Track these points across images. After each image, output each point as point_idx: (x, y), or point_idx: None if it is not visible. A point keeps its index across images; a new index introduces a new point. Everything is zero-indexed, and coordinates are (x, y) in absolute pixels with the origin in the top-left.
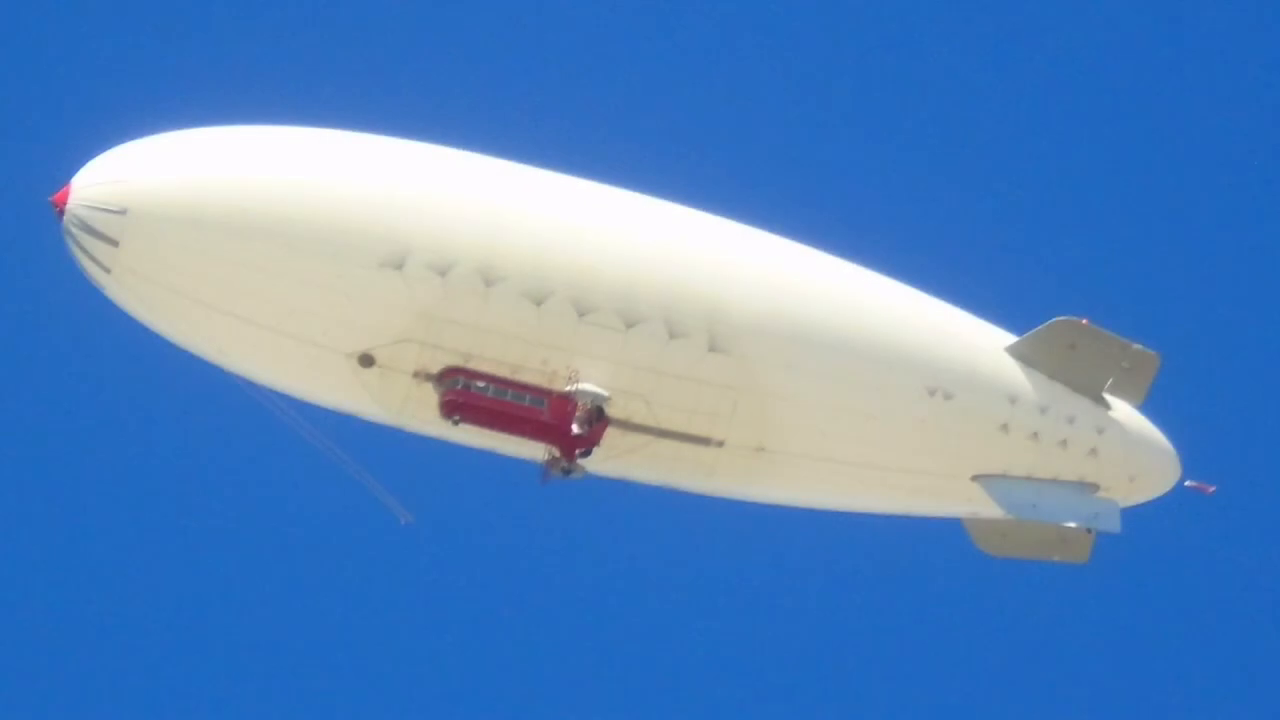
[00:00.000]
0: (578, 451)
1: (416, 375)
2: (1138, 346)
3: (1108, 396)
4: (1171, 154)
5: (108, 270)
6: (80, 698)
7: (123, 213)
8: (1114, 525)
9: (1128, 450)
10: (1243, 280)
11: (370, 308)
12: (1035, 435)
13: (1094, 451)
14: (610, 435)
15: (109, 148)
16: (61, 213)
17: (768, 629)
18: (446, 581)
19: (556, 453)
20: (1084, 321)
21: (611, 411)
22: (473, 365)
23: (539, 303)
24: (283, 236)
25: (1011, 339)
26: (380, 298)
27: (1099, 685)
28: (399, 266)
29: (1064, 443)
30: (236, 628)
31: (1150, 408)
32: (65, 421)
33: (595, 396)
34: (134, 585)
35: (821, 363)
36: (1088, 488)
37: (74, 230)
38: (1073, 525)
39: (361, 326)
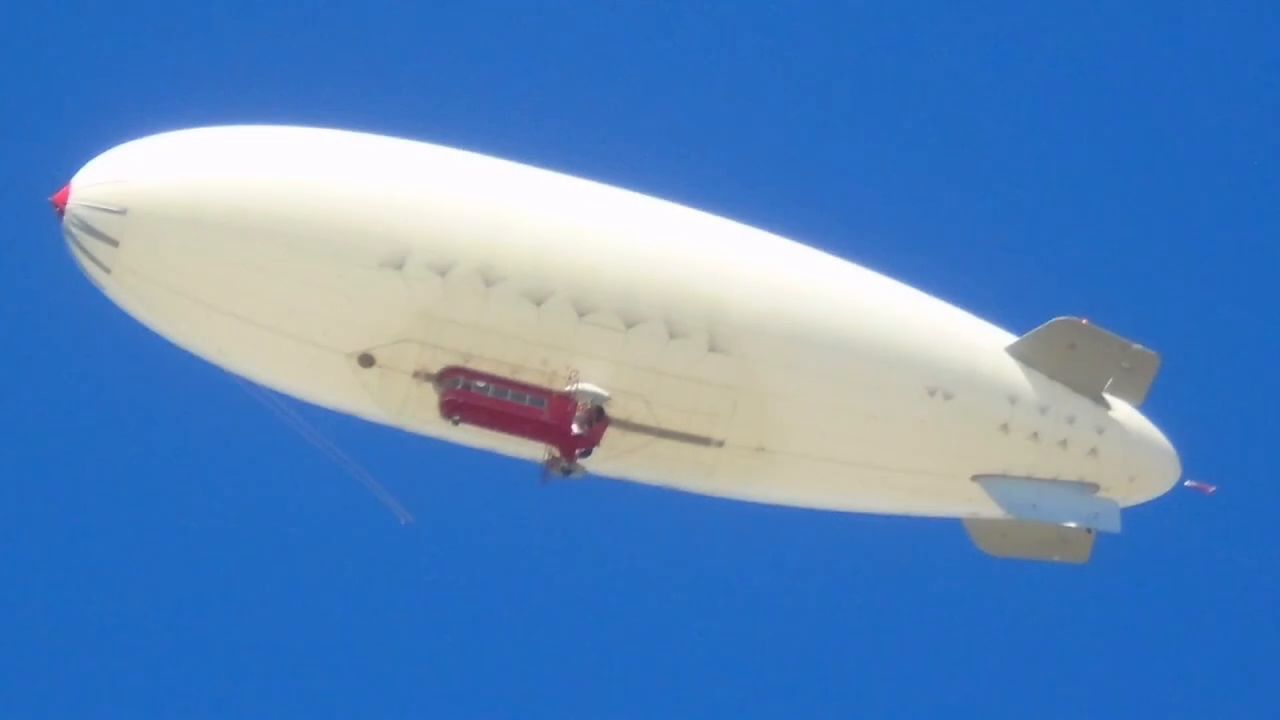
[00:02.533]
0: (578, 451)
1: (416, 375)
2: (1138, 346)
3: (1108, 396)
4: (1171, 154)
5: (108, 270)
6: (80, 698)
7: (123, 213)
8: (1114, 525)
9: (1128, 450)
10: (1243, 280)
11: (370, 308)
12: (1035, 435)
13: (1094, 451)
14: (610, 435)
15: (109, 148)
16: (61, 213)
17: (768, 629)
18: (446, 581)
19: (556, 453)
20: (1084, 321)
21: (611, 411)
22: (473, 365)
23: (539, 303)
24: (283, 236)
25: (1011, 339)
26: (380, 298)
27: (1099, 685)
28: (399, 266)
29: (1064, 443)
30: (236, 628)
31: (1150, 408)
32: (65, 421)
33: (595, 396)
34: (134, 585)
35: (821, 363)
36: (1088, 488)
37: (74, 230)
38: (1073, 525)
39: (361, 326)
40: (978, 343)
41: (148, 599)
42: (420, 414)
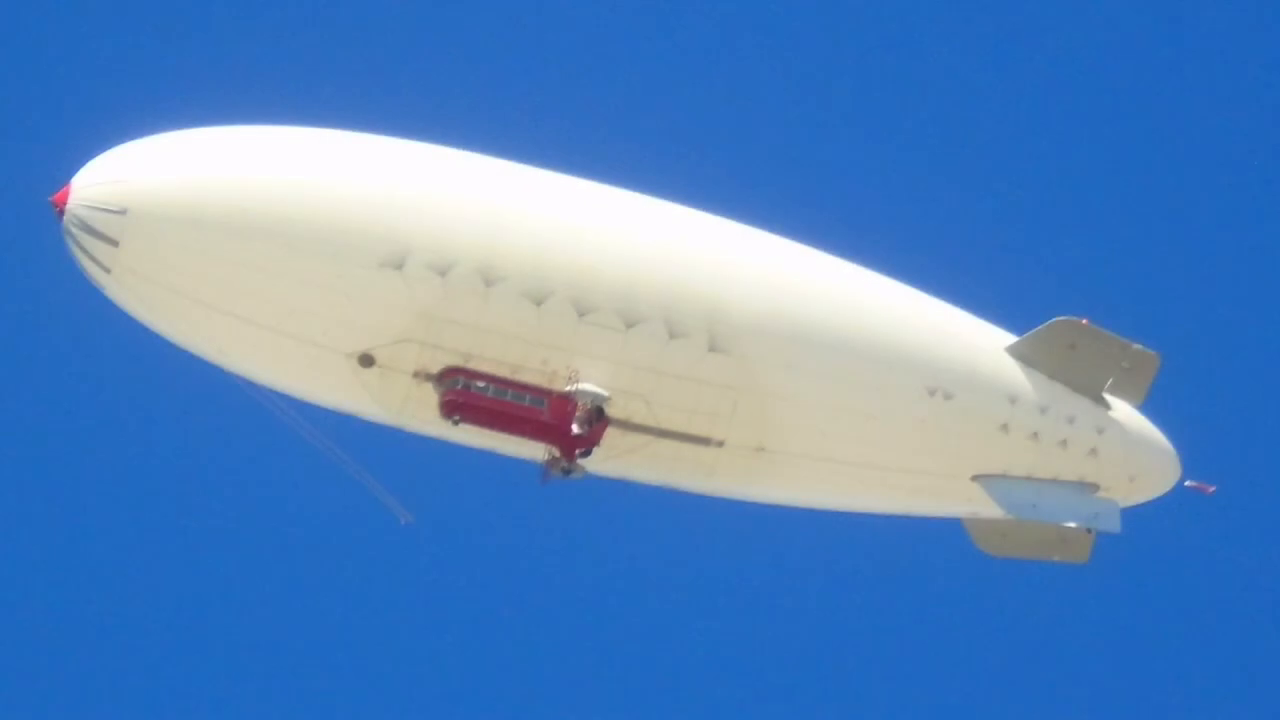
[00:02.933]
0: (578, 451)
1: (416, 375)
2: (1138, 346)
3: (1108, 396)
4: (1171, 154)
5: (108, 270)
6: (80, 698)
7: (123, 213)
8: (1114, 525)
9: (1128, 450)
10: (1243, 280)
11: (370, 308)
12: (1035, 435)
13: (1094, 451)
14: (610, 435)
15: (109, 148)
16: (61, 213)
17: (768, 629)
18: (446, 581)
19: (556, 453)
20: (1084, 321)
21: (611, 411)
22: (473, 365)
23: (539, 303)
24: (283, 236)
25: (1011, 339)
26: (380, 298)
27: (1099, 685)
28: (399, 266)
29: (1064, 443)
30: (237, 628)
31: (1150, 408)
32: (65, 421)
33: (595, 396)
34: (134, 585)
35: (821, 363)
36: (1088, 488)
37: (74, 230)
38: (1073, 525)
39: (361, 326)
40: (978, 343)
41: (148, 599)
42: (420, 414)
